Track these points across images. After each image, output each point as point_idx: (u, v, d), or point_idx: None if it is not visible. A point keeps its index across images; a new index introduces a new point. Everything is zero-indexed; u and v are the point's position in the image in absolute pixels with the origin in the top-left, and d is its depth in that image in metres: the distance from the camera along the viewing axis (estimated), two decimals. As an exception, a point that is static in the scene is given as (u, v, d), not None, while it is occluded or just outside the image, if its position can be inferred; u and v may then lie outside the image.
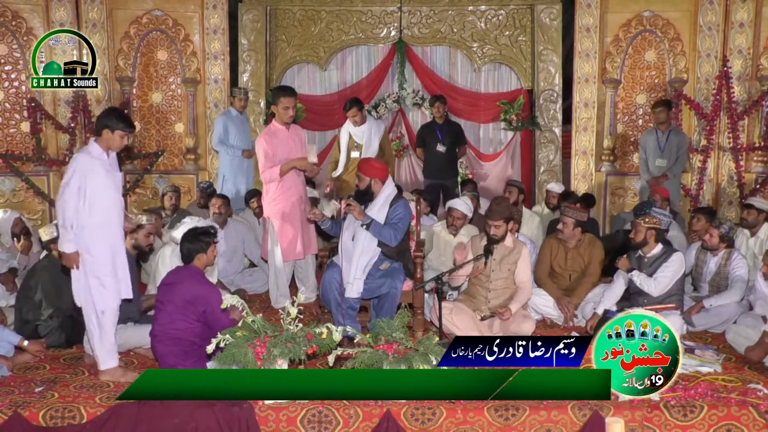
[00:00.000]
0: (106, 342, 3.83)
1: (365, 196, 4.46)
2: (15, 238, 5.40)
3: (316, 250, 5.19)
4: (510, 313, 4.39)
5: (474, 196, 6.67)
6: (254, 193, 6.55)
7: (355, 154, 6.12)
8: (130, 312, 4.28)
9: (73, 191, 3.68)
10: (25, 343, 4.07)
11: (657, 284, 4.46)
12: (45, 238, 4.57)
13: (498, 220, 4.44)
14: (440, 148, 7.19)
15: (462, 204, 5.47)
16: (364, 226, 4.33)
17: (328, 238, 5.16)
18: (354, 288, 4.32)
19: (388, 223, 4.40)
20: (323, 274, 4.52)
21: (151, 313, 4.47)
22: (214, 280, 5.11)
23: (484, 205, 7.10)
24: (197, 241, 3.90)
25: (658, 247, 4.53)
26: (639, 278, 4.49)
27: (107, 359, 3.84)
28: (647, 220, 4.51)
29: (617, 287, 4.61)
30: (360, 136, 6.08)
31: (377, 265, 4.40)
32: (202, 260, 3.91)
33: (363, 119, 6.09)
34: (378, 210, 4.42)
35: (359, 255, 4.35)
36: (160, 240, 5.37)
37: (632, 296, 4.58)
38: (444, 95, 7.67)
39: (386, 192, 4.48)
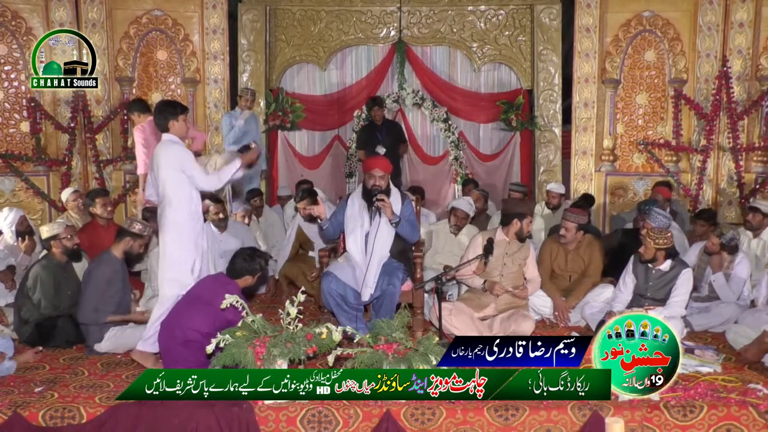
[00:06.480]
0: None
1: (372, 195, 4.28)
2: (19, 237, 5.35)
3: None
4: (527, 291, 4.65)
5: (482, 195, 6.67)
6: (255, 192, 6.57)
7: (312, 254, 5.34)
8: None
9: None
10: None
11: (677, 307, 4.35)
12: (45, 234, 4.54)
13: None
14: (380, 149, 7.25)
15: (465, 204, 5.48)
16: (394, 224, 4.27)
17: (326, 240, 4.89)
18: (369, 291, 4.24)
19: (406, 220, 4.34)
20: (322, 279, 4.39)
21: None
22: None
23: (491, 206, 7.12)
24: (252, 262, 3.88)
25: (668, 263, 4.43)
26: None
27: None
28: (658, 241, 4.36)
29: (626, 291, 4.58)
30: (314, 235, 5.31)
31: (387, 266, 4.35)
32: (247, 282, 3.93)
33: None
34: (395, 206, 4.33)
35: (379, 257, 4.25)
36: (156, 238, 5.33)
37: (634, 297, 4.58)
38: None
39: (393, 188, 4.43)
